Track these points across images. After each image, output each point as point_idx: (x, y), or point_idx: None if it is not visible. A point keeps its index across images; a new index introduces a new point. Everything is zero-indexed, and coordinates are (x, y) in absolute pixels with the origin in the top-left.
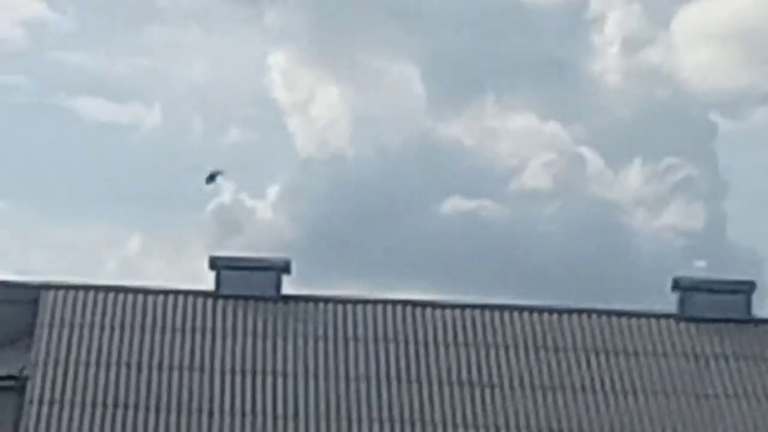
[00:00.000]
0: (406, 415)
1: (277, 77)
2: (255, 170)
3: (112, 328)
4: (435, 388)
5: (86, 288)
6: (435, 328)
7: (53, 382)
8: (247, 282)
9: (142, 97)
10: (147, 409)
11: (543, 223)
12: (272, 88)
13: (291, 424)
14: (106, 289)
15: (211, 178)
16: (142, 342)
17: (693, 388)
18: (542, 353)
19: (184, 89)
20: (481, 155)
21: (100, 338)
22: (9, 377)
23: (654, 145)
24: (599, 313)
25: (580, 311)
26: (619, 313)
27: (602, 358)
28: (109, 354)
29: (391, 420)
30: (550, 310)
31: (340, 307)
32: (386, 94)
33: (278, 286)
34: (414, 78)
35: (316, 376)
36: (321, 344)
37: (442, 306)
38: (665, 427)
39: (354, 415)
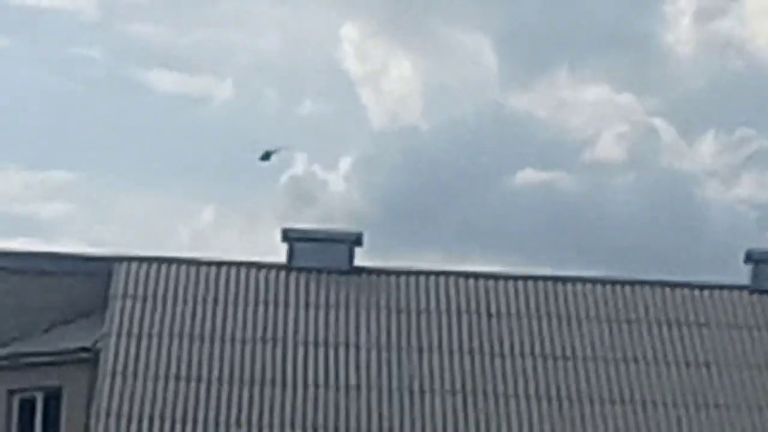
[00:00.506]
0: (478, 387)
1: (350, 49)
2: (327, 142)
3: (185, 301)
4: (507, 360)
5: (159, 260)
6: (507, 301)
7: (126, 355)
8: (320, 254)
9: (214, 69)
10: (219, 381)
11: (616, 195)
12: (345, 60)
13: (363, 396)
14: (179, 261)
15: (266, 156)
16: (214, 314)
17: (766, 360)
18: (614, 325)
19: (256, 61)
20: (554, 127)
21: (173, 311)
22: (83, 349)
23: (727, 116)
24: (671, 285)
25: (652, 283)
26: (692, 285)
27: (674, 329)
28: (182, 326)
29: (464, 392)
30: (622, 282)
31: (412, 279)
32: (459, 66)
33: (350, 258)
34: (487, 49)
35: (388, 348)
36: (393, 316)
37: (514, 278)
38: (738, 399)
39: (426, 387)
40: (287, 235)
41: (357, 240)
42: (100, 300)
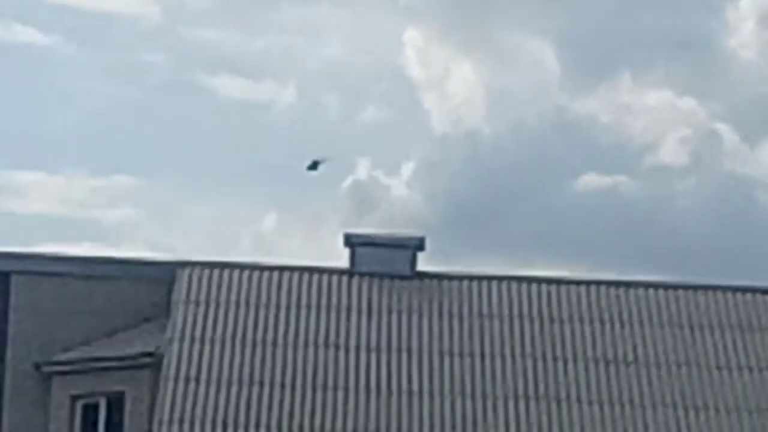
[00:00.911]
0: (544, 392)
1: (412, 54)
2: (390, 147)
3: (248, 306)
4: (571, 365)
5: (222, 266)
6: (570, 305)
7: (189, 360)
8: (382, 259)
9: (277, 74)
10: (282, 386)
11: (679, 199)
12: (407, 65)
13: (426, 401)
14: (242, 266)
15: (314, 165)
16: (277, 320)
17: None
18: (679, 330)
19: (318, 66)
20: (617, 131)
21: (236, 316)
22: (146, 354)
23: None
24: (736, 289)
25: (716, 288)
26: (755, 290)
27: (737, 334)
28: (245, 332)
29: (526, 397)
30: (686, 287)
31: (475, 284)
32: (521, 70)
33: (413, 264)
34: (549, 54)
35: (451, 354)
36: (456, 322)
37: (577, 282)
38: None
39: (489, 392)
40: (350, 240)
41: (419, 245)
42: (163, 305)
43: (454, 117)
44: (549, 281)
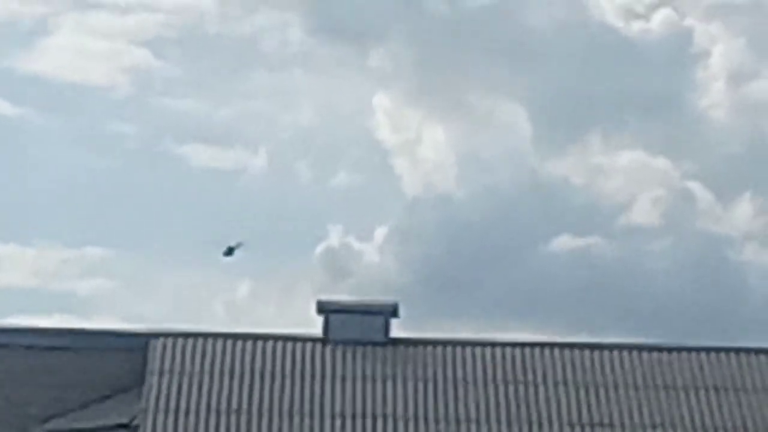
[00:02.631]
0: None
1: (383, 118)
2: (362, 213)
3: (222, 375)
4: (545, 428)
5: (195, 335)
6: (544, 369)
7: (164, 430)
8: (356, 326)
9: (247, 141)
10: None
11: (653, 260)
12: (378, 130)
13: None
14: (215, 336)
15: (229, 251)
16: (251, 388)
17: None
18: (653, 392)
19: (289, 133)
20: (590, 193)
21: (210, 385)
22: (121, 426)
23: (764, 179)
24: (710, 350)
25: (690, 349)
26: (731, 350)
27: (715, 395)
28: (219, 401)
29: None
30: (660, 348)
31: (449, 349)
32: (492, 133)
33: (387, 330)
34: (520, 116)
35: (425, 419)
36: (431, 387)
37: (551, 345)
38: None
39: None
40: (323, 308)
41: (393, 311)
42: (137, 376)
43: (425, 181)
44: (523, 345)
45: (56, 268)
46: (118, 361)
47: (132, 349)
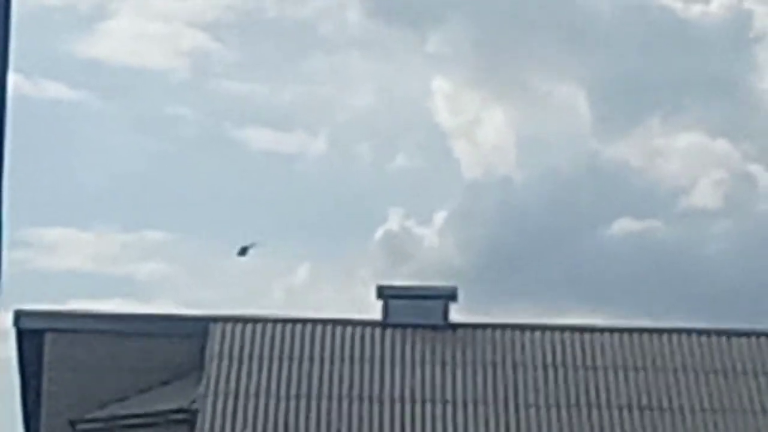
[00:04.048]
0: None
1: (442, 101)
2: (421, 196)
3: (281, 360)
4: (605, 413)
5: (254, 320)
6: (604, 353)
7: (223, 415)
8: (415, 310)
9: (307, 125)
10: None
11: (713, 243)
12: (437, 113)
13: None
14: (275, 320)
15: (243, 251)
16: (310, 373)
17: None
18: (712, 377)
19: (348, 116)
20: (650, 175)
21: (269, 370)
22: (180, 410)
23: None
24: None
25: (750, 333)
26: None
27: None
28: (278, 385)
29: None
30: (721, 332)
31: (508, 333)
32: (552, 116)
33: (445, 314)
34: (580, 99)
35: (485, 404)
36: (490, 371)
37: (611, 330)
38: None
39: None
40: (382, 292)
41: (452, 295)
42: (196, 361)
43: (485, 164)
44: (582, 329)
45: (115, 252)
46: (177, 346)
47: (191, 333)
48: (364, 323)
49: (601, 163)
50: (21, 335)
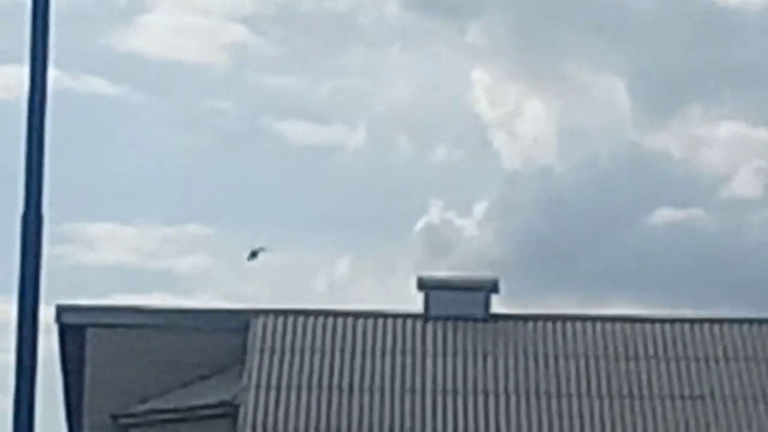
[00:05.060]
0: (621, 430)
1: (481, 93)
2: (462, 188)
3: (323, 353)
4: (647, 403)
5: (296, 313)
6: (647, 343)
7: (266, 408)
8: (456, 302)
9: (346, 118)
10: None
11: (755, 232)
12: (476, 104)
13: None
14: (316, 313)
15: (253, 255)
16: (352, 366)
17: None
18: (754, 365)
19: (387, 109)
20: (690, 164)
21: (311, 363)
22: (221, 404)
23: None
24: None
25: None
26: None
27: None
28: (320, 378)
29: None
30: (762, 321)
31: (550, 324)
32: (592, 106)
33: (487, 306)
34: (620, 89)
35: (527, 395)
36: (532, 363)
37: (653, 320)
38: None
39: None
40: (423, 284)
41: (493, 287)
42: (237, 354)
43: (525, 155)
44: (624, 319)
45: (156, 246)
46: (218, 340)
47: (233, 327)
48: (405, 315)
49: (641, 153)
50: (63, 330)
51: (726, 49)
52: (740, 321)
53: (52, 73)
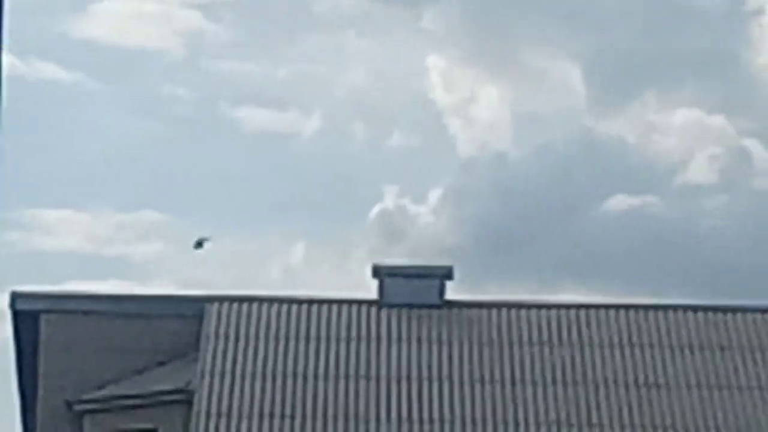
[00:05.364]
0: (574, 419)
1: (437, 79)
2: (417, 174)
3: (277, 339)
4: (602, 390)
5: (250, 300)
6: (600, 330)
7: (220, 395)
8: (411, 289)
9: (301, 104)
10: (314, 418)
11: (709, 218)
12: (431, 90)
13: (458, 429)
14: (270, 300)
15: (199, 244)
16: (307, 352)
17: None
18: (708, 353)
19: (343, 95)
20: (645, 151)
21: (266, 349)
22: (176, 391)
23: None
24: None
25: (746, 309)
26: None
27: None
28: (275, 365)
29: (558, 423)
30: (717, 308)
31: (504, 311)
32: (547, 93)
33: (441, 293)
34: (575, 75)
35: (481, 381)
36: (486, 349)
37: (607, 307)
38: None
39: (522, 419)
40: (378, 271)
41: (448, 274)
42: (192, 341)
43: (480, 141)
44: (578, 306)
45: (111, 233)
46: (173, 327)
47: (187, 314)
48: (360, 302)
49: (596, 140)
50: (17, 317)
51: (682, 36)
52: (695, 308)
53: (5, 59)
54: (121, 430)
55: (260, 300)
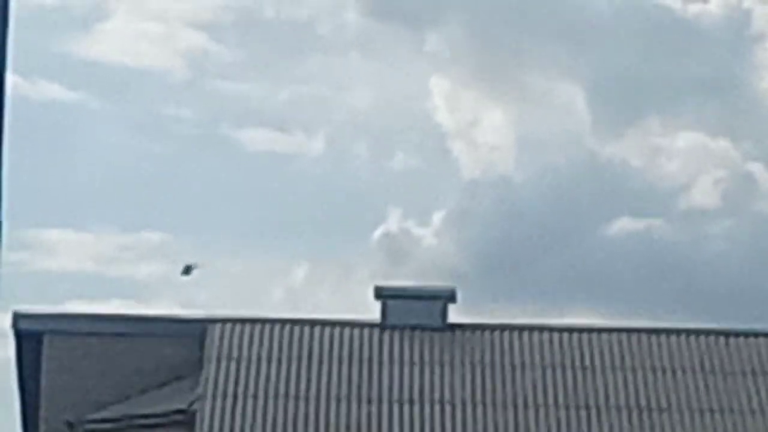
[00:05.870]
0: None
1: (440, 101)
2: (420, 196)
3: (279, 361)
4: (604, 414)
5: (252, 321)
6: (603, 354)
7: (222, 416)
8: (413, 312)
9: (304, 125)
10: None
11: (713, 242)
12: (435, 112)
13: None
14: (273, 321)
15: (187, 270)
16: (309, 374)
17: None
18: (711, 376)
19: (346, 116)
20: (649, 174)
21: (268, 371)
22: (178, 411)
23: None
24: None
25: (750, 333)
26: None
27: None
28: (277, 386)
29: None
30: (721, 332)
31: (507, 334)
32: (551, 115)
33: (444, 315)
34: (579, 98)
35: (483, 404)
36: (488, 372)
37: (611, 330)
38: None
39: None
40: (380, 293)
41: (451, 296)
42: (194, 362)
43: (483, 164)
44: (581, 330)
45: (114, 253)
46: (175, 347)
47: (190, 335)
48: (362, 324)
49: (600, 163)
50: (19, 337)
51: (685, 60)
52: (699, 332)
53: (10, 79)
54: None
55: (263, 321)
